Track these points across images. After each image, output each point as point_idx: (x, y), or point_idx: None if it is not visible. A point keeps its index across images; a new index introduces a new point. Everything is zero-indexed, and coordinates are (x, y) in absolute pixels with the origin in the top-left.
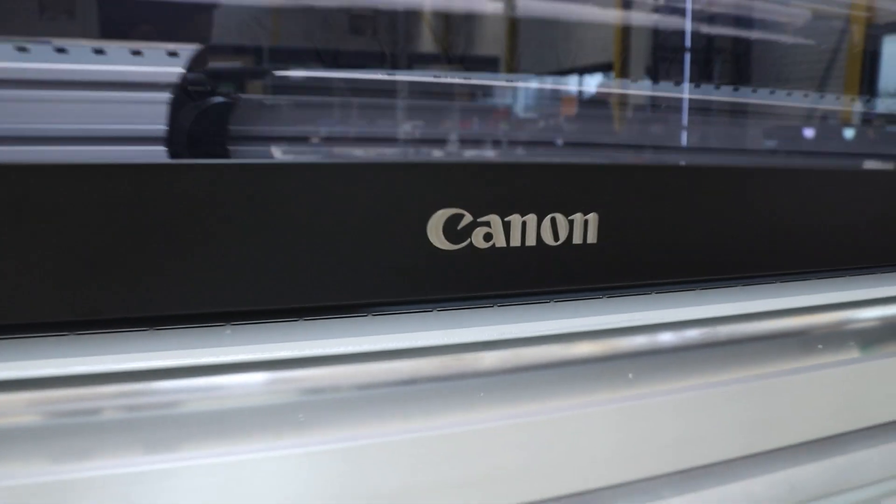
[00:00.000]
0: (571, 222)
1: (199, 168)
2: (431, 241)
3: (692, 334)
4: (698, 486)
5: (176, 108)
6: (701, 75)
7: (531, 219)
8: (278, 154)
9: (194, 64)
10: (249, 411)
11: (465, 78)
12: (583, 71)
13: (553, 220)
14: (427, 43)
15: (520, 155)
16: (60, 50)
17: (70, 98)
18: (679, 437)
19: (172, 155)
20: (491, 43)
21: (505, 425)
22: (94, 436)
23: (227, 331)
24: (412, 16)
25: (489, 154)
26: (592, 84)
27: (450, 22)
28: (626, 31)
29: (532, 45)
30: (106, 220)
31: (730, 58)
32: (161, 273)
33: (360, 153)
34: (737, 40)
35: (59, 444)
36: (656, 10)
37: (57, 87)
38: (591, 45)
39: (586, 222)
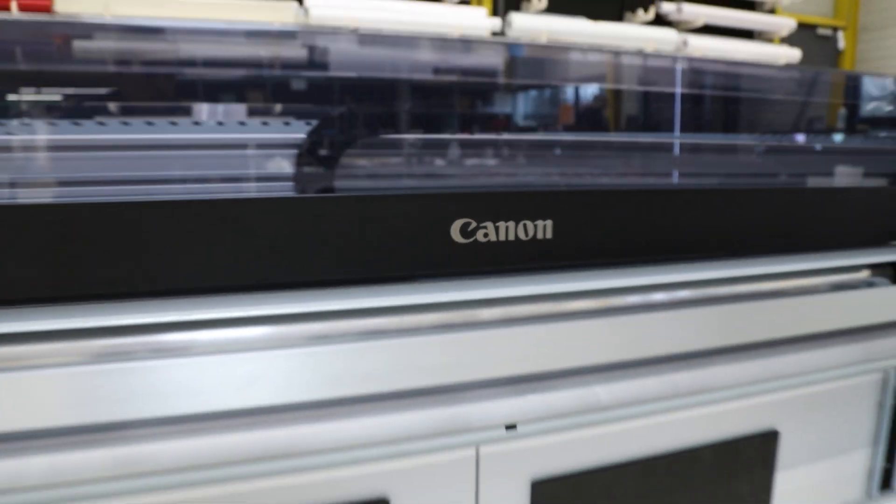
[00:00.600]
0: (535, 226)
1: (316, 199)
2: (454, 238)
3: (608, 294)
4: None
5: (300, 159)
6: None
7: (511, 224)
8: (366, 186)
9: (313, 131)
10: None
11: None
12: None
13: (525, 225)
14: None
15: (504, 184)
16: (220, 123)
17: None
18: (598, 342)
19: (298, 191)
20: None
21: (492, 337)
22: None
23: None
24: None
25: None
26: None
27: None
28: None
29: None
30: (264, 230)
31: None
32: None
33: (408, 183)
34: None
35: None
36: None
37: (219, 147)
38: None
39: (545, 226)
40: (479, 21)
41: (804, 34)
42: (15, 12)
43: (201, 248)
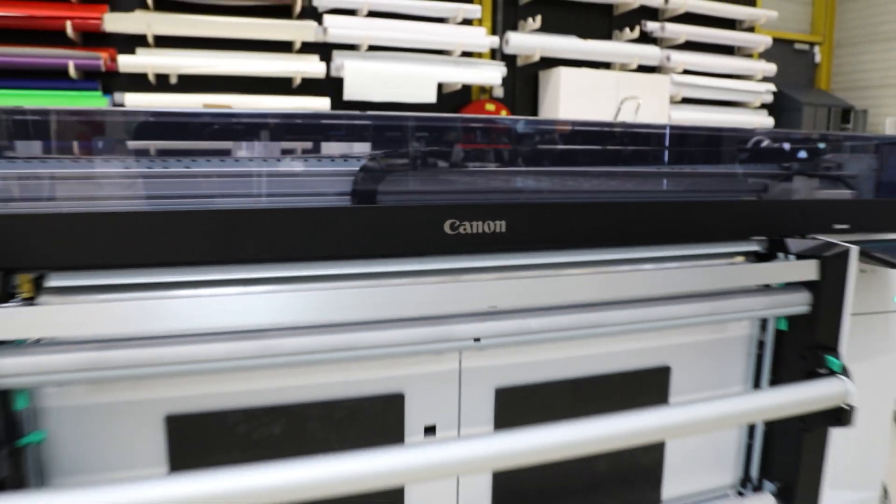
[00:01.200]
0: (495, 224)
1: (366, 209)
2: (445, 231)
3: (539, 266)
4: (548, 314)
5: (356, 181)
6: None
7: (480, 223)
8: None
9: (361, 168)
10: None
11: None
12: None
13: (489, 223)
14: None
15: (475, 199)
16: (318, 160)
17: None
18: (534, 292)
19: (355, 203)
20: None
21: (467, 289)
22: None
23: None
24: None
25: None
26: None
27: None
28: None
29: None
30: (336, 225)
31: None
32: (356, 240)
33: (419, 197)
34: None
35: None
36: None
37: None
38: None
39: (501, 224)
40: (479, 39)
41: (783, 49)
42: (69, 30)
43: (308, 235)
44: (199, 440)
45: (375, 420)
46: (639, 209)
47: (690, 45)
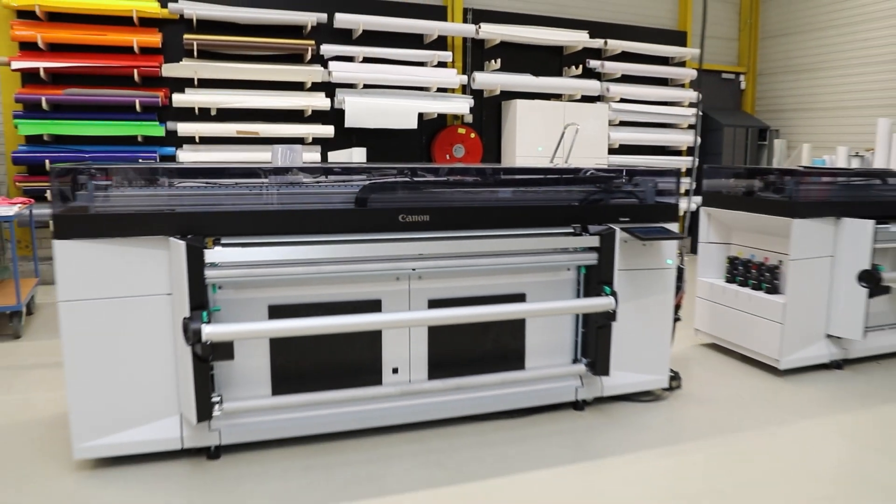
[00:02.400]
0: (422, 216)
1: (363, 210)
2: (398, 220)
3: (447, 238)
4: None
5: (358, 196)
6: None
7: (417, 216)
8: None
9: (362, 188)
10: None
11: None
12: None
13: (421, 216)
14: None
15: (416, 203)
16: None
17: (336, 193)
18: (440, 248)
19: (357, 206)
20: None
21: (408, 246)
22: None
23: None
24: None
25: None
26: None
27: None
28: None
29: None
30: (347, 218)
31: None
32: (354, 223)
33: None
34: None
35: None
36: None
37: (336, 194)
38: None
39: (426, 216)
40: (451, 78)
41: (714, 78)
42: (136, 76)
43: (335, 220)
44: (283, 314)
45: (368, 310)
46: (510, 209)
47: (628, 78)
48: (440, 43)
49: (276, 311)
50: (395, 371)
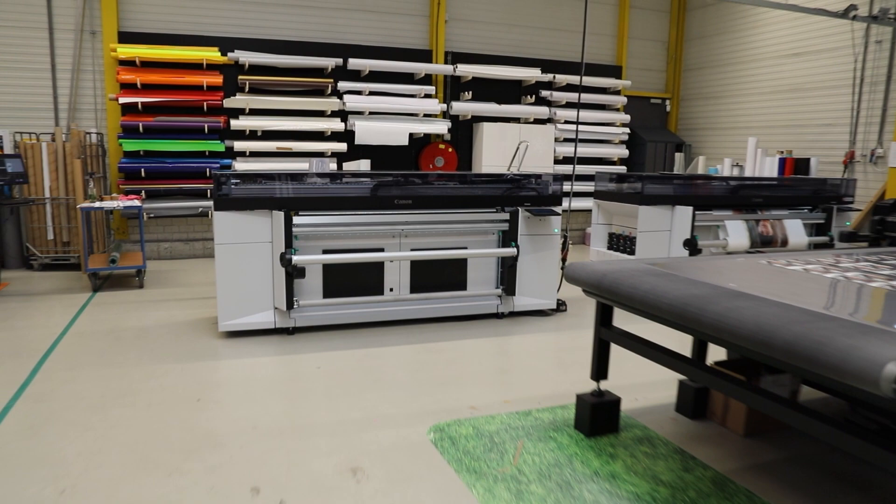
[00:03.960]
0: (408, 200)
1: (375, 197)
2: (394, 203)
3: (423, 213)
4: (418, 225)
5: (371, 192)
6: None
7: (403, 200)
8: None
9: (373, 186)
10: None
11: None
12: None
13: (406, 200)
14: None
15: (402, 194)
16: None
17: (354, 185)
18: (413, 219)
19: (371, 195)
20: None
21: (398, 218)
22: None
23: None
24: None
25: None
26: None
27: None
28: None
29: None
30: (360, 201)
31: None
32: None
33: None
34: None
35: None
36: None
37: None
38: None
39: (410, 201)
40: (434, 106)
41: (644, 103)
42: (204, 106)
43: (361, 201)
44: (330, 253)
45: (376, 252)
46: (461, 197)
47: (572, 105)
48: (426, 79)
49: (327, 251)
50: (391, 290)
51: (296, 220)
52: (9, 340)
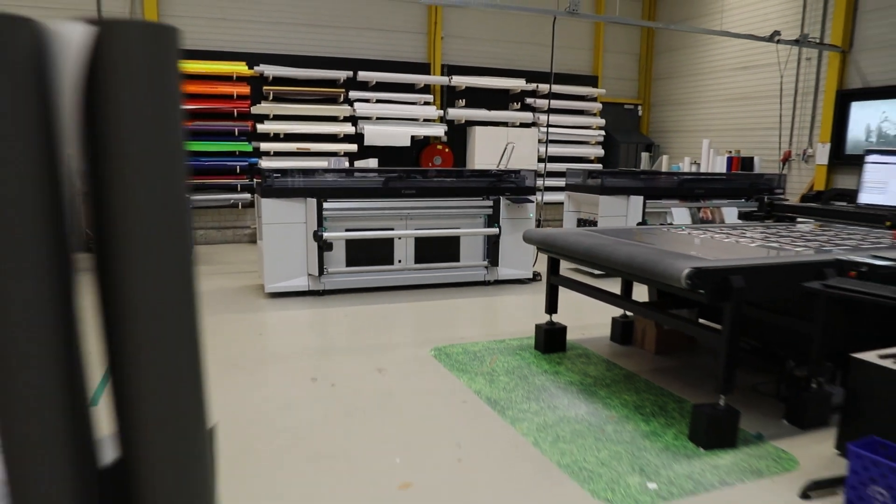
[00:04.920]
0: (413, 189)
1: (386, 187)
2: (402, 192)
3: (423, 199)
4: (418, 209)
5: (384, 183)
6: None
7: (409, 189)
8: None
9: (385, 179)
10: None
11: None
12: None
13: (411, 189)
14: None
15: (409, 185)
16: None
17: (367, 178)
18: (415, 205)
19: (383, 185)
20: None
21: (406, 203)
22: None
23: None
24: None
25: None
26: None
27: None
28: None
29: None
30: (377, 191)
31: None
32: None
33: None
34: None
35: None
36: None
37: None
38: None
39: (413, 191)
40: (433, 112)
41: (618, 109)
42: (235, 113)
43: (375, 191)
44: (352, 231)
45: (387, 230)
46: (455, 188)
47: (554, 110)
48: (425, 89)
49: (349, 230)
50: (399, 261)
51: (325, 205)
52: None
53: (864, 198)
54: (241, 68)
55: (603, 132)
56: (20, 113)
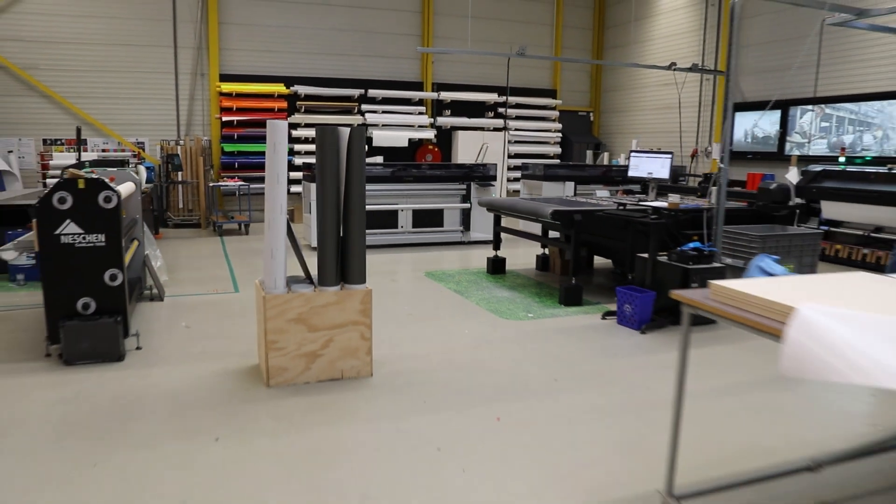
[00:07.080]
0: (411, 178)
1: (395, 176)
2: (404, 179)
3: (417, 184)
4: (419, 196)
5: (392, 174)
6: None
7: (409, 177)
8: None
9: (392, 171)
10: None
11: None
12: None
13: (411, 176)
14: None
15: (408, 175)
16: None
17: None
18: (410, 187)
19: (392, 175)
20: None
21: (407, 191)
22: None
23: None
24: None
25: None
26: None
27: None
28: None
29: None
30: (388, 179)
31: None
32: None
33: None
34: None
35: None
36: None
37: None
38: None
39: (412, 178)
40: (425, 120)
41: (573, 115)
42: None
43: (385, 182)
44: (369, 205)
45: (393, 205)
46: (440, 175)
47: (520, 117)
48: (420, 102)
49: (368, 205)
50: (401, 226)
51: None
52: (203, 256)
53: (632, 173)
54: (279, 88)
55: (560, 134)
56: (334, 162)
